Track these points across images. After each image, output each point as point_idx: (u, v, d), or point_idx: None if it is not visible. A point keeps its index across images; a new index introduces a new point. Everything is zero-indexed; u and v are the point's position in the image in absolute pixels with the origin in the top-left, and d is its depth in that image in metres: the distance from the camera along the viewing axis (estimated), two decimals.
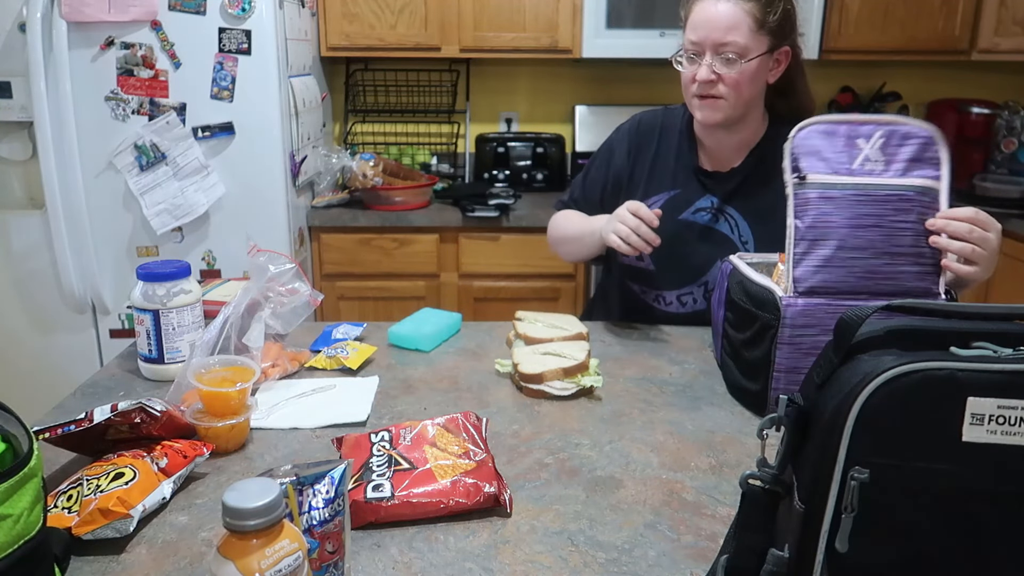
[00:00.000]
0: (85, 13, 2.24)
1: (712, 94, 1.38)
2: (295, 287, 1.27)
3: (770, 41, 1.36)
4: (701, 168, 1.50)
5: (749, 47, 1.34)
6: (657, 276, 1.52)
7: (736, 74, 1.35)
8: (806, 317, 1.06)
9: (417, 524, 0.89)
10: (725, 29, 1.33)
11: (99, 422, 0.94)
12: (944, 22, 2.81)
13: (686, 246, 1.47)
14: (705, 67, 1.36)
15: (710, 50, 1.35)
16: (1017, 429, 0.56)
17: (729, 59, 1.34)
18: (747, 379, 1.17)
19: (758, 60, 1.35)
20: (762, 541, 0.66)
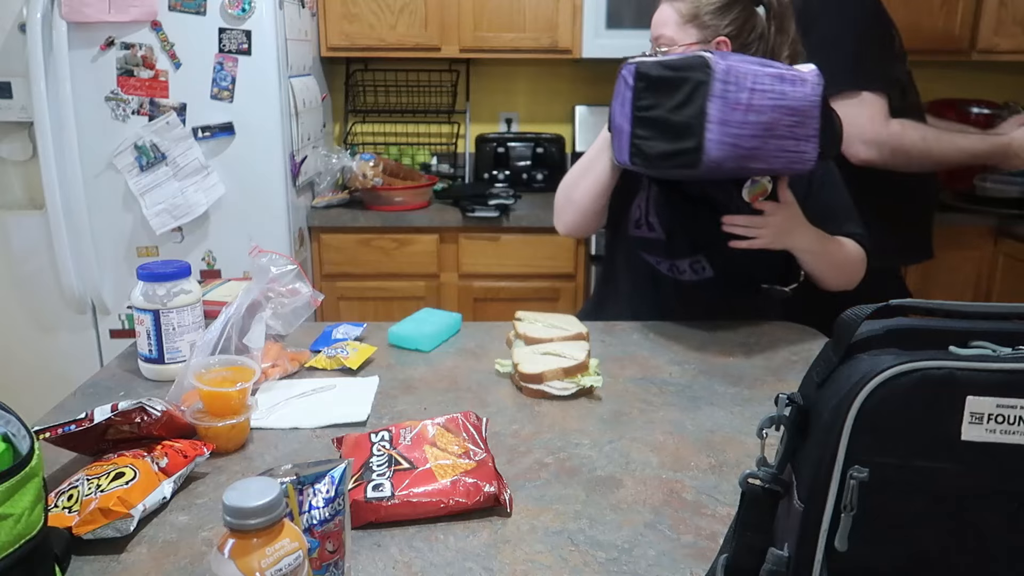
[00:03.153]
0: (85, 13, 2.24)
1: None
2: (296, 287, 1.28)
3: (699, 33, 1.50)
4: None
5: (675, 38, 1.51)
6: (668, 245, 1.57)
7: None
8: (730, 74, 1.25)
9: (417, 524, 0.89)
10: (659, 25, 1.53)
11: (99, 422, 0.94)
12: (944, 22, 2.81)
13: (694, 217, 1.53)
14: None
15: (654, 44, 1.55)
16: (1016, 428, 0.56)
17: (662, 50, 1.52)
18: (680, 141, 1.28)
19: (684, 50, 1.49)
20: (762, 540, 0.66)
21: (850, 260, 1.53)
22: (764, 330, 1.54)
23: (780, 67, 1.28)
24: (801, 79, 1.27)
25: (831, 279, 1.54)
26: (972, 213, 2.72)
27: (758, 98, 1.25)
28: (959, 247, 2.71)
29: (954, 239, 2.71)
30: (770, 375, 1.32)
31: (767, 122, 1.25)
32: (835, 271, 1.53)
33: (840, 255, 1.52)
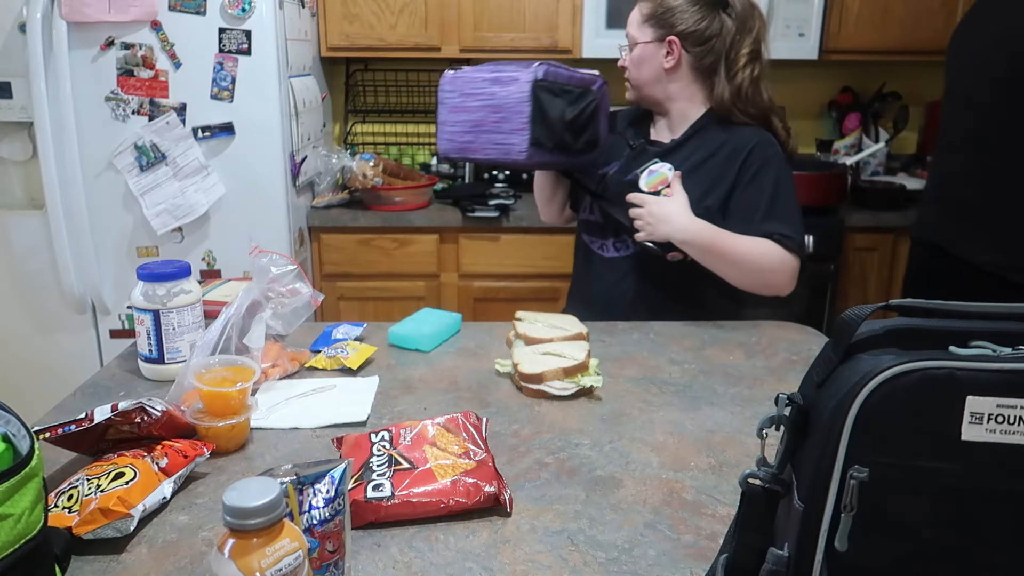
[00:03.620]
0: (85, 13, 2.24)
1: (625, 77, 1.70)
2: (296, 287, 1.28)
3: (654, 32, 1.62)
4: (648, 139, 1.74)
5: (635, 36, 1.65)
6: (604, 227, 1.71)
7: (630, 60, 1.67)
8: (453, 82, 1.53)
9: (417, 524, 0.89)
10: (627, 26, 1.67)
11: (99, 422, 0.94)
12: (944, 22, 2.81)
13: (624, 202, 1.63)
14: (621, 57, 1.70)
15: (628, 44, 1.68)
16: (1016, 428, 0.56)
17: (626, 48, 1.67)
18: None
19: (643, 47, 1.64)
20: (762, 540, 0.66)
21: (754, 258, 1.53)
22: (764, 330, 1.54)
23: (504, 71, 1.46)
24: (514, 79, 1.44)
25: (733, 277, 1.56)
26: None
27: (469, 100, 1.48)
28: None
29: None
30: (770, 375, 1.33)
31: (476, 120, 1.48)
32: (732, 268, 1.55)
33: (736, 253, 1.53)
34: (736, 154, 1.58)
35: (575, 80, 1.51)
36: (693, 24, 1.59)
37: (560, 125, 1.47)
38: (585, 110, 1.51)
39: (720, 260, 1.54)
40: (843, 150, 3.09)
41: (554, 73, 1.46)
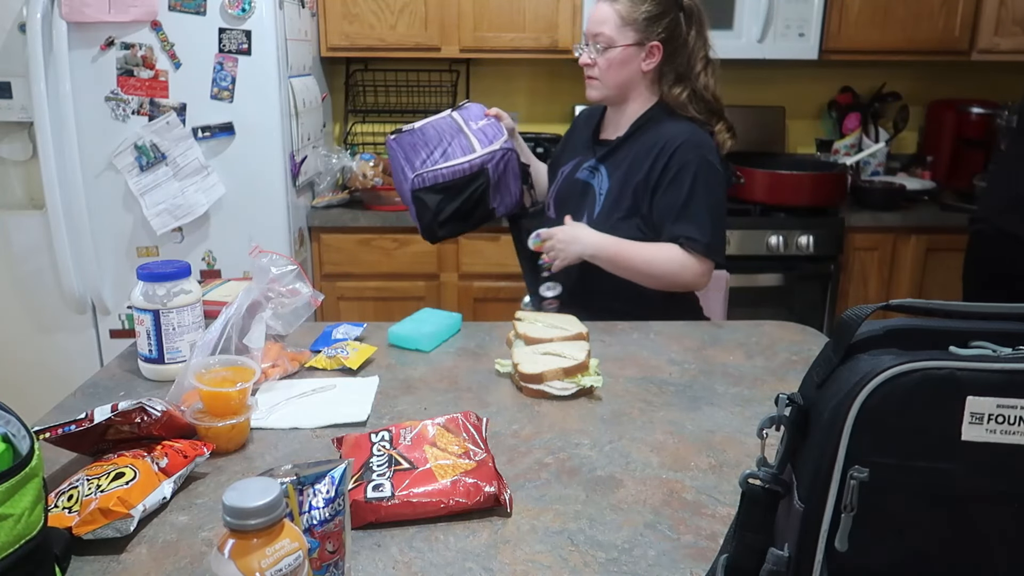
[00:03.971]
0: (85, 13, 2.23)
1: (589, 75, 1.69)
2: (296, 287, 1.27)
3: (636, 36, 1.63)
4: (598, 137, 1.81)
5: (614, 38, 1.63)
6: (555, 222, 1.74)
7: (604, 60, 1.65)
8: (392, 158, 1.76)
9: (417, 524, 0.89)
10: (598, 23, 1.64)
11: (99, 422, 0.94)
12: (944, 22, 2.81)
13: (573, 199, 1.76)
14: (585, 54, 1.68)
15: (590, 40, 1.67)
16: (1016, 428, 0.56)
17: (600, 48, 1.65)
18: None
19: (623, 50, 1.64)
20: (762, 540, 0.66)
21: (658, 264, 1.62)
22: (764, 330, 1.54)
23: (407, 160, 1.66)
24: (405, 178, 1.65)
25: (644, 282, 1.65)
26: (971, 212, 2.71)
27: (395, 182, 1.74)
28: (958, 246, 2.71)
29: (953, 238, 2.71)
30: (770, 375, 1.32)
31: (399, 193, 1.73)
32: (638, 275, 1.64)
33: (639, 259, 1.62)
34: (660, 156, 1.64)
35: (461, 172, 1.64)
36: (670, 30, 1.65)
37: (444, 216, 1.65)
38: (471, 196, 1.65)
39: (627, 269, 1.63)
40: (843, 150, 3.09)
41: (433, 177, 1.62)
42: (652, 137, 1.66)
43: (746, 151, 3.09)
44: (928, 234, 2.71)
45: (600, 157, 1.73)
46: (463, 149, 1.65)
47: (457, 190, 1.64)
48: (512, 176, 1.71)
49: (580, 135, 1.86)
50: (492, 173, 1.66)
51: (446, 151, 1.64)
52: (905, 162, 3.21)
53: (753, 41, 2.74)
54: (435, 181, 1.63)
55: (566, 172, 1.80)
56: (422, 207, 1.64)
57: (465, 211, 1.65)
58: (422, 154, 1.65)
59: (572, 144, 1.87)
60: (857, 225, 2.70)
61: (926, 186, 2.95)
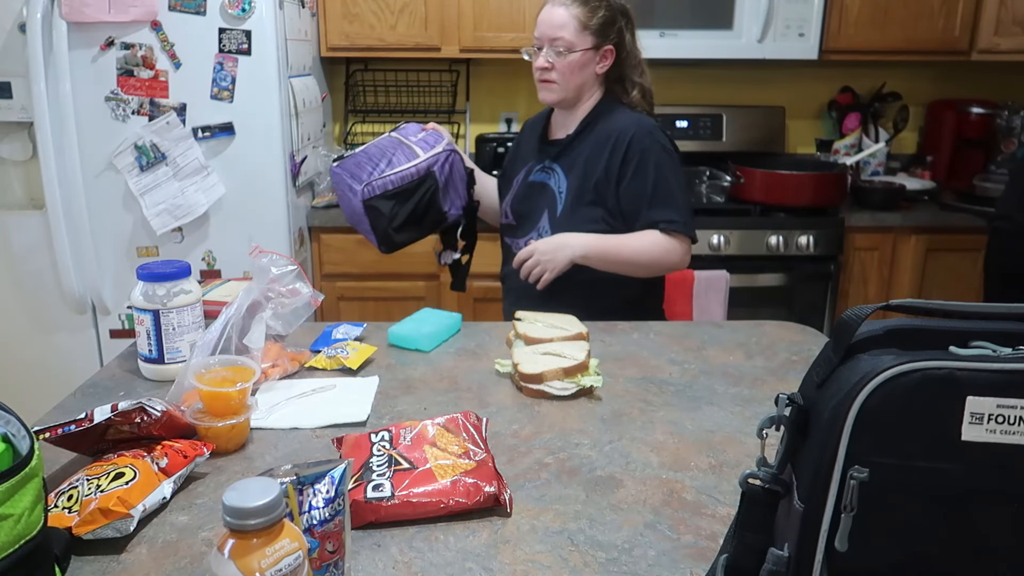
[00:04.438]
0: (85, 13, 2.23)
1: (547, 79, 1.71)
2: (296, 287, 1.27)
3: (594, 40, 1.67)
4: (547, 138, 1.84)
5: (574, 43, 1.66)
6: (515, 228, 1.82)
7: (564, 63, 1.68)
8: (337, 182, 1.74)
9: (417, 524, 0.89)
10: (556, 28, 1.66)
11: (99, 422, 0.94)
12: (944, 22, 2.81)
13: (530, 201, 1.79)
14: (542, 57, 1.70)
15: (546, 44, 1.68)
16: (1016, 428, 0.56)
17: (559, 51, 1.67)
18: None
19: (582, 54, 1.67)
20: (762, 540, 0.66)
21: (646, 253, 1.67)
22: (764, 330, 1.54)
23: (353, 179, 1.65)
24: (353, 193, 1.65)
25: (634, 272, 1.69)
26: (971, 213, 2.72)
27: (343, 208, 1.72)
28: (958, 246, 2.71)
29: (953, 238, 2.71)
30: (770, 375, 1.32)
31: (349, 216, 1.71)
32: (629, 267, 1.68)
33: (627, 251, 1.67)
34: (617, 148, 1.68)
35: (409, 177, 1.65)
36: (619, 34, 1.71)
37: (399, 222, 1.66)
38: (422, 200, 1.66)
39: (617, 262, 1.67)
40: (843, 150, 3.09)
41: (382, 184, 1.63)
42: (604, 130, 1.71)
43: (746, 151, 3.10)
44: (928, 234, 2.71)
45: (553, 156, 1.77)
46: (407, 157, 1.67)
47: (408, 194, 1.65)
48: (459, 178, 1.72)
49: (527, 144, 1.89)
50: (439, 175, 1.68)
51: (391, 161, 1.66)
52: (905, 162, 3.21)
53: (753, 41, 2.73)
54: (385, 188, 1.63)
55: (519, 180, 1.83)
56: (376, 215, 1.64)
57: (418, 215, 1.67)
58: (368, 168, 1.66)
59: (521, 153, 1.90)
60: (857, 225, 2.70)
61: (926, 186, 2.95)
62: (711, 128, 3.13)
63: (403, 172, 1.65)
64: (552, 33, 1.66)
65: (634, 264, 1.68)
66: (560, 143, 1.78)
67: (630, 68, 1.76)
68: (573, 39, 1.66)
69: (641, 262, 1.68)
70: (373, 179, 1.64)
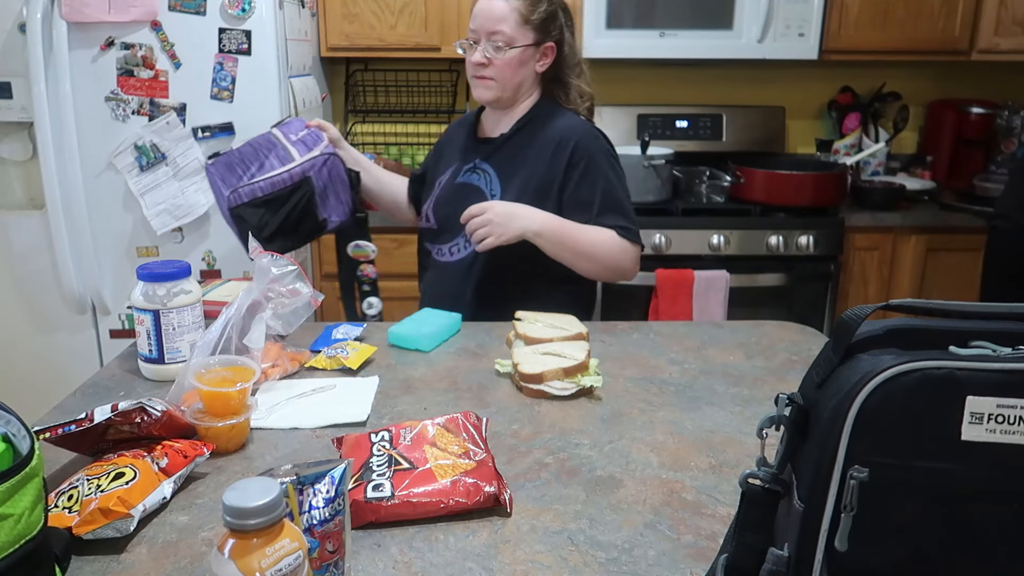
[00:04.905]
0: (85, 13, 2.23)
1: (484, 75, 1.62)
2: (296, 288, 1.27)
3: (535, 36, 1.60)
4: (477, 137, 1.75)
5: (515, 38, 1.58)
6: (438, 233, 1.73)
7: (503, 60, 1.59)
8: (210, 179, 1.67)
9: (417, 524, 0.89)
10: (495, 21, 1.57)
11: (99, 422, 0.94)
12: (944, 22, 2.81)
13: (456, 204, 1.65)
14: (479, 52, 1.61)
15: (484, 38, 1.59)
16: (1016, 428, 0.56)
17: (498, 46, 1.58)
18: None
19: (522, 50, 1.59)
20: (762, 540, 0.66)
21: (601, 247, 1.58)
22: (764, 330, 1.54)
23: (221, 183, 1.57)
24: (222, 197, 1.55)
25: (583, 266, 1.60)
26: (971, 213, 2.72)
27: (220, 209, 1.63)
28: (958, 246, 2.71)
29: (953, 238, 2.71)
30: (770, 375, 1.32)
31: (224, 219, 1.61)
32: (581, 258, 1.59)
33: (584, 241, 1.57)
34: (560, 151, 1.61)
35: (281, 183, 1.56)
36: (560, 30, 1.64)
37: (270, 231, 1.56)
38: (296, 207, 1.57)
39: (571, 251, 1.57)
40: (843, 150, 3.09)
41: (250, 191, 1.54)
42: (544, 132, 1.64)
43: (746, 151, 3.10)
44: (928, 234, 2.71)
45: (484, 156, 1.69)
46: (281, 160, 1.58)
47: (280, 202, 1.56)
48: (340, 184, 1.63)
49: (453, 144, 1.80)
50: (316, 181, 1.58)
51: (263, 164, 1.57)
52: (905, 162, 3.21)
53: (753, 41, 2.74)
54: (253, 195, 1.55)
55: (443, 181, 1.74)
56: (244, 225, 1.54)
57: (292, 224, 1.57)
58: (238, 171, 1.57)
59: (447, 153, 1.80)
60: (857, 225, 2.70)
61: (926, 186, 2.95)
62: (711, 128, 3.13)
63: (275, 178, 1.55)
64: (491, 26, 1.57)
65: (588, 256, 1.58)
66: (492, 142, 1.70)
67: (569, 68, 1.69)
68: (513, 34, 1.57)
69: (595, 256, 1.58)
70: (241, 186, 1.54)
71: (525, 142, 1.65)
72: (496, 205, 1.54)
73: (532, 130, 1.65)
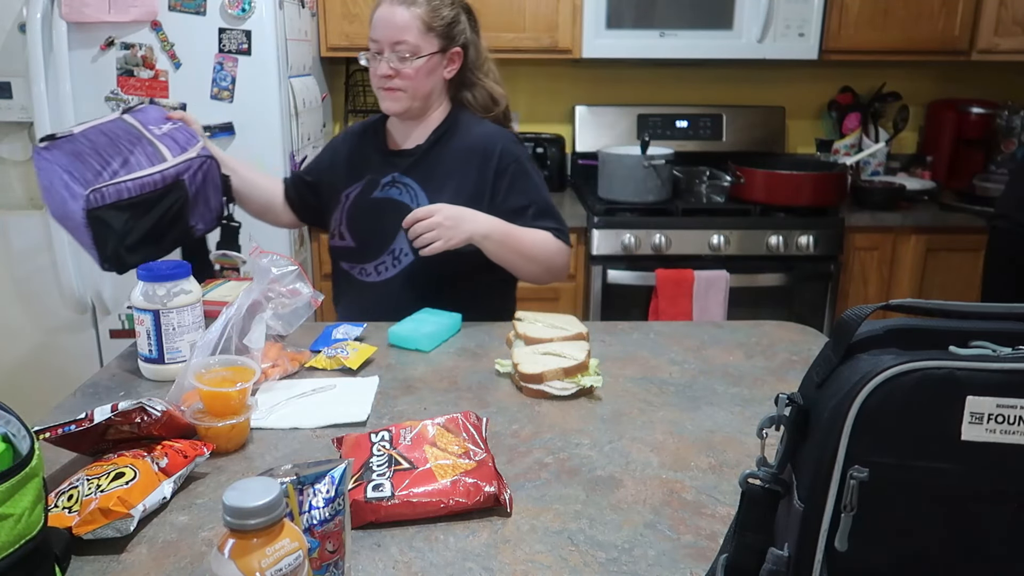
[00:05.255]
0: (85, 13, 2.23)
1: (392, 87, 1.57)
2: (296, 288, 1.27)
3: (440, 43, 1.57)
4: (388, 151, 1.68)
5: (420, 47, 1.54)
6: (358, 252, 1.65)
7: (411, 69, 1.55)
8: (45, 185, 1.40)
9: (417, 524, 0.89)
10: (399, 30, 1.53)
11: (99, 422, 0.94)
12: (944, 22, 2.81)
13: (378, 221, 1.62)
14: (384, 63, 1.56)
15: (388, 48, 1.55)
16: (1016, 428, 0.56)
17: (404, 57, 1.54)
18: None
19: (429, 58, 1.56)
20: (762, 540, 0.66)
21: (540, 248, 1.59)
22: (764, 330, 1.54)
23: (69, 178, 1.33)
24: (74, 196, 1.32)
25: (524, 268, 1.60)
26: (971, 213, 2.72)
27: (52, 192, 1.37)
28: (958, 246, 2.71)
29: (954, 238, 2.71)
30: (770, 375, 1.33)
31: (59, 216, 1.38)
32: (524, 260, 1.58)
33: (527, 242, 1.57)
34: (486, 160, 1.60)
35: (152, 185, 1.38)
36: (465, 35, 1.63)
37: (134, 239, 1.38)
38: (167, 214, 1.41)
39: (515, 253, 1.57)
40: (843, 150, 3.09)
41: (115, 192, 1.34)
42: (463, 142, 1.62)
43: (746, 151, 3.10)
44: (928, 234, 2.71)
45: (404, 170, 1.63)
46: (150, 158, 1.39)
47: (148, 207, 1.37)
48: (212, 188, 1.49)
49: (359, 155, 1.71)
50: (190, 185, 1.43)
51: (128, 161, 1.36)
52: (905, 162, 3.22)
53: (753, 41, 2.74)
54: (118, 197, 1.34)
55: (353, 195, 1.66)
56: (103, 230, 1.34)
57: (159, 232, 1.41)
58: (93, 165, 1.34)
59: (352, 165, 1.70)
60: (857, 225, 2.70)
61: (926, 186, 2.95)
62: (711, 128, 3.13)
63: (144, 179, 1.37)
64: (394, 36, 1.53)
65: (530, 258, 1.58)
66: (410, 155, 1.64)
67: (477, 69, 1.67)
68: (418, 42, 1.53)
69: (536, 257, 1.58)
70: (103, 184, 1.33)
71: (445, 153, 1.62)
72: (444, 208, 1.48)
73: (449, 140, 1.63)
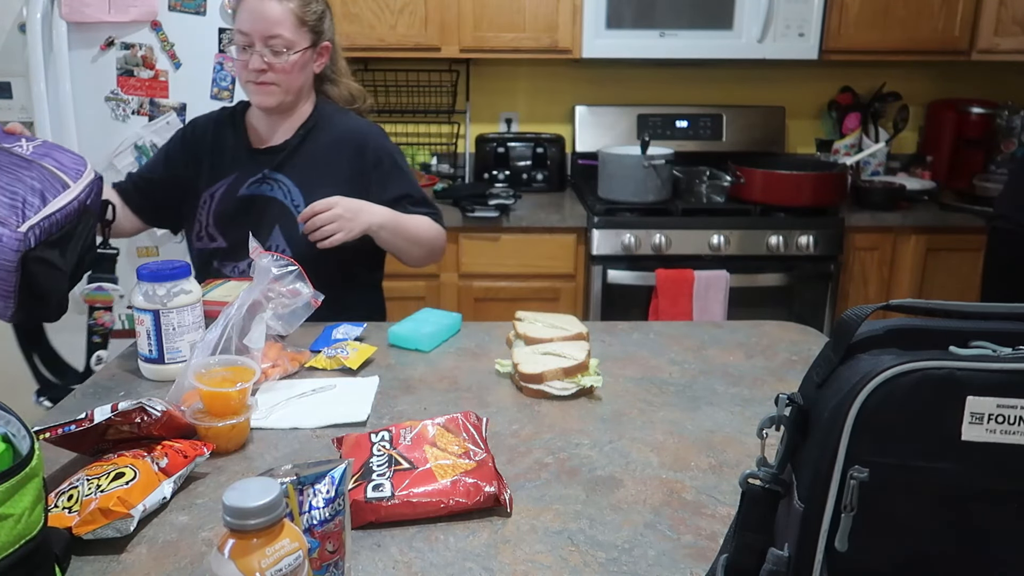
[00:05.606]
0: (85, 13, 2.23)
1: (265, 80, 1.56)
2: (296, 288, 1.27)
3: (311, 37, 1.58)
4: (253, 148, 1.67)
5: (294, 41, 1.55)
6: (231, 251, 1.64)
7: (285, 64, 1.55)
8: None
9: (417, 524, 0.89)
10: (272, 24, 1.52)
11: (99, 422, 0.94)
12: (944, 22, 2.81)
13: (249, 218, 1.61)
14: (257, 57, 1.53)
15: (260, 42, 1.53)
16: (1016, 428, 0.56)
17: (278, 51, 1.54)
18: None
19: (302, 52, 1.57)
20: (762, 540, 0.66)
21: (424, 233, 1.66)
22: (764, 330, 1.54)
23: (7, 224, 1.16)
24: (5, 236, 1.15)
25: (412, 253, 1.67)
26: (971, 213, 2.72)
27: None
28: (958, 246, 2.71)
29: (953, 238, 2.71)
30: (770, 375, 1.33)
31: None
32: (413, 246, 1.66)
33: (413, 228, 1.63)
34: (359, 153, 1.63)
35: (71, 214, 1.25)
36: (331, 29, 1.65)
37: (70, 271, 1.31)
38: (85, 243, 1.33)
39: (406, 239, 1.63)
40: (843, 150, 3.09)
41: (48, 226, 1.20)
42: (332, 136, 1.64)
43: (746, 151, 3.10)
44: (928, 234, 2.71)
45: (274, 166, 1.62)
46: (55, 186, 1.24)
47: (67, 239, 1.26)
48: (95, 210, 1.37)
49: (218, 150, 1.66)
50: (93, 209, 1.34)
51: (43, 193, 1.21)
52: (905, 162, 3.22)
53: (753, 41, 2.74)
54: (49, 234, 1.21)
55: (219, 193, 1.63)
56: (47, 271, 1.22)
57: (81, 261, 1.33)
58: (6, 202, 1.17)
59: (211, 162, 1.66)
60: (857, 225, 2.70)
61: (926, 186, 2.95)
62: (711, 128, 3.13)
63: (65, 208, 1.24)
64: (267, 30, 1.51)
65: (418, 243, 1.65)
66: (279, 151, 1.63)
67: (338, 66, 1.70)
68: (292, 37, 1.53)
69: (422, 241, 1.65)
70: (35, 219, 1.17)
71: (315, 148, 1.63)
72: (342, 201, 1.50)
73: (318, 134, 1.64)
